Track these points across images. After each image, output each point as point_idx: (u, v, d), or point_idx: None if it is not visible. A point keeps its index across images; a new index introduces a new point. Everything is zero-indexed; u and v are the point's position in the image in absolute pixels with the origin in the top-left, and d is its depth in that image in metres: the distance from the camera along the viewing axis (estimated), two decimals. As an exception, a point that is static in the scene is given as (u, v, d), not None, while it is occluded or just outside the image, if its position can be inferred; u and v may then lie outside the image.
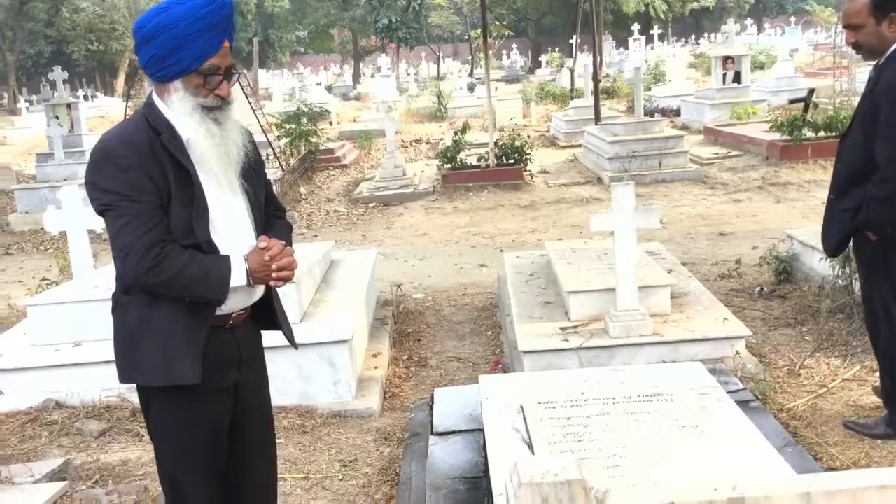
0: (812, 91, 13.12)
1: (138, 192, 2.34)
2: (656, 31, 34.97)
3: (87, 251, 5.17)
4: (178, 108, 2.43)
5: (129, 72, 39.89)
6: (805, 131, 11.78)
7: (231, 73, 2.49)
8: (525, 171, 12.68)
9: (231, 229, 2.51)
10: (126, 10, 39.63)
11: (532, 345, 4.75)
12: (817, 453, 3.63)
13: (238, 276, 2.44)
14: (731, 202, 10.80)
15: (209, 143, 2.44)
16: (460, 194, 12.10)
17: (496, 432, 3.40)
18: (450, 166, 12.70)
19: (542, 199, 11.69)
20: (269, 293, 2.67)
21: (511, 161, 12.60)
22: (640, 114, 13.58)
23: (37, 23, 42.33)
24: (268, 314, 2.72)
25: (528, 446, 3.25)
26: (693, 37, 54.05)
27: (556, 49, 45.82)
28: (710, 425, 3.26)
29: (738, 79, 16.76)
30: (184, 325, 2.43)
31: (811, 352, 4.98)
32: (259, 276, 2.47)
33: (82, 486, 3.68)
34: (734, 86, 16.64)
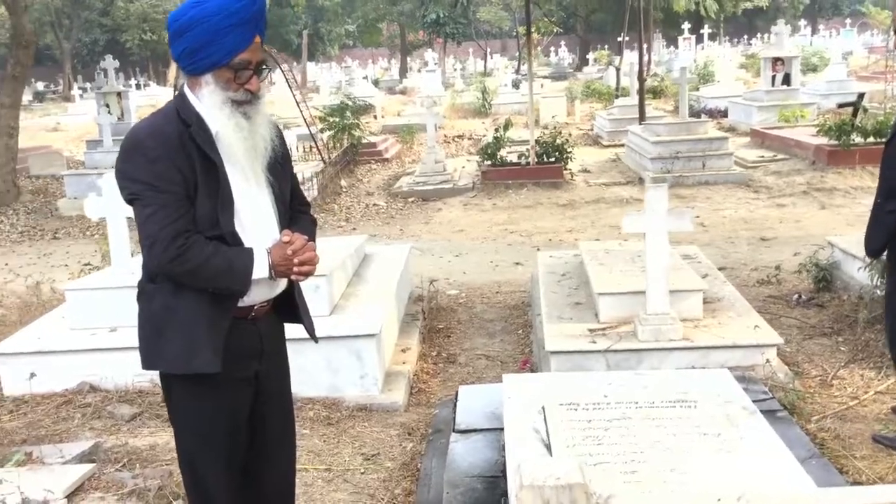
0: (862, 95, 12.86)
1: (166, 182, 2.38)
2: (706, 31, 34.49)
3: (126, 238, 5.28)
4: (209, 102, 2.46)
5: (180, 62, 40.41)
6: (853, 136, 11.54)
7: (261, 68, 2.52)
8: (565, 169, 12.62)
9: (255, 222, 2.54)
10: (179, 1, 40.24)
11: (559, 345, 4.74)
12: (843, 466, 3.56)
13: (260, 269, 2.47)
14: (774, 207, 10.63)
15: (237, 136, 2.47)
16: (499, 191, 12.09)
17: (516, 432, 3.40)
18: (490, 163, 12.69)
19: (582, 199, 11.62)
20: (291, 286, 2.70)
21: (552, 159, 12.55)
22: (684, 114, 13.42)
23: (92, 11, 43.21)
24: (290, 307, 2.75)
25: (546, 448, 3.25)
26: (746, 37, 53.19)
27: (604, 47, 45.45)
28: (733, 434, 3.23)
29: (787, 81, 16.46)
30: (206, 315, 2.48)
31: (845, 362, 4.89)
32: (281, 270, 2.50)
33: (110, 469, 3.77)
34: (783, 88, 16.35)
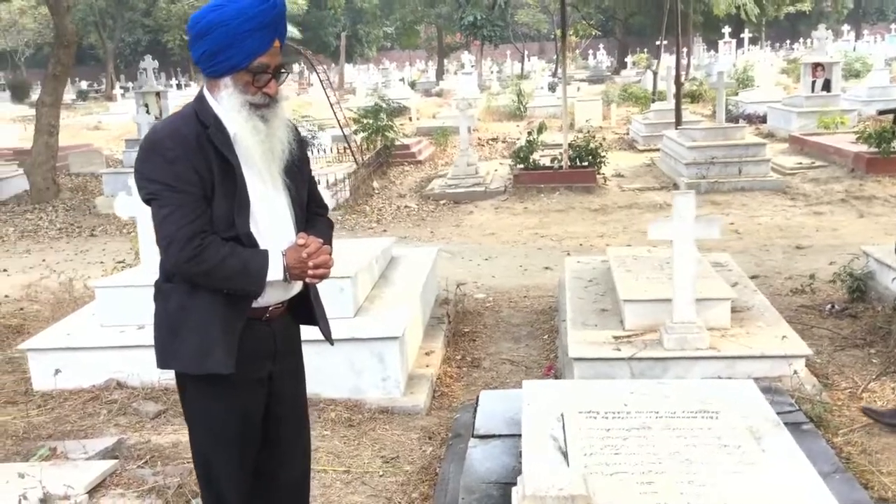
0: (904, 102, 12.60)
1: (183, 183, 2.40)
2: (747, 35, 34.05)
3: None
4: (227, 104, 2.48)
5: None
6: (894, 144, 11.31)
7: (280, 72, 2.53)
8: (598, 173, 12.54)
9: (272, 224, 2.55)
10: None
11: (583, 352, 4.70)
12: (868, 482, 3.48)
13: (275, 271, 2.48)
14: (811, 214, 10.46)
15: (254, 139, 2.49)
16: (531, 195, 12.04)
17: (533, 439, 3.37)
18: (522, 166, 12.65)
19: (614, 204, 11.54)
20: (306, 289, 2.71)
21: (585, 163, 12.47)
22: (721, 119, 13.25)
23: (135, 12, 43.93)
24: (306, 309, 2.76)
25: (563, 455, 3.22)
26: (788, 41, 52.45)
27: (644, 50, 45.12)
28: (754, 447, 3.17)
29: (827, 87, 16.20)
30: (221, 316, 2.49)
31: (877, 375, 4.78)
32: (295, 273, 2.51)
33: (132, 466, 3.81)
34: (823, 94, 16.09)
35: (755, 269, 7.87)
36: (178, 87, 36.13)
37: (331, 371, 4.77)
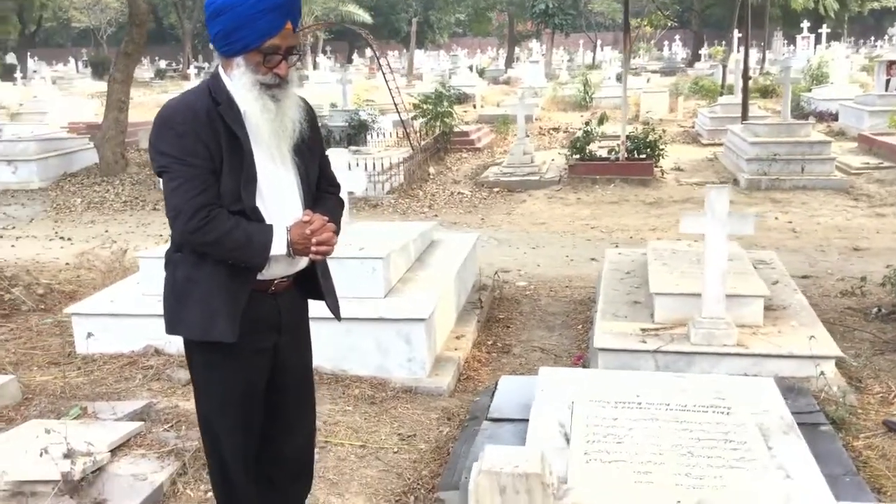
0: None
1: (192, 156, 2.49)
2: (825, 30, 32.98)
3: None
4: (239, 83, 2.56)
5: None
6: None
7: (291, 53, 2.59)
8: (656, 166, 12.37)
9: (278, 200, 2.63)
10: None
11: (608, 343, 4.69)
12: (882, 486, 3.41)
13: (279, 246, 2.55)
14: (873, 216, 10.14)
15: (264, 117, 2.56)
16: (586, 186, 11.96)
17: (539, 424, 3.41)
18: (578, 157, 12.56)
19: (670, 197, 11.37)
20: (313, 264, 2.78)
21: (642, 156, 12.31)
22: (786, 115, 12.92)
23: (213, -7, 44.66)
24: (313, 284, 2.83)
25: (567, 441, 3.24)
26: (872, 38, 50.62)
27: (722, 43, 44.07)
28: (760, 444, 3.14)
29: (902, 85, 15.65)
30: (226, 287, 2.58)
31: (912, 381, 4.66)
32: (299, 248, 2.58)
33: (158, 429, 3.96)
34: (897, 93, 15.55)
35: (808, 269, 7.69)
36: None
37: (358, 349, 4.86)
